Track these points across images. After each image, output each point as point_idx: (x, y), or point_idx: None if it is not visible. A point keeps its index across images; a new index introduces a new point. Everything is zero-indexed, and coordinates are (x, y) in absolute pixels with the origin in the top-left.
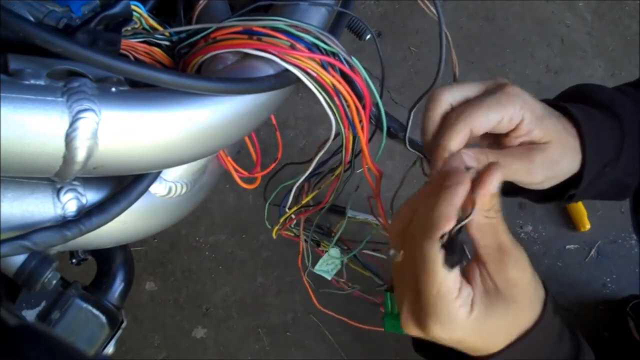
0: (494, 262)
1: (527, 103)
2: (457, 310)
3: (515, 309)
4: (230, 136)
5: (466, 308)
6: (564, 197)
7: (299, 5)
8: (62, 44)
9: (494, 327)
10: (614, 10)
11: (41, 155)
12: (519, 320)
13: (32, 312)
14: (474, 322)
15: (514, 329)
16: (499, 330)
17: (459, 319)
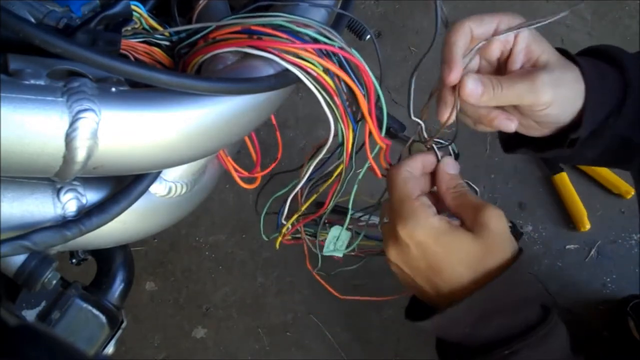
0: (470, 217)
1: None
2: (415, 207)
3: (481, 244)
4: (230, 136)
5: (426, 210)
6: (566, 142)
7: (299, 6)
8: (62, 45)
9: (456, 248)
10: (614, 10)
11: (41, 155)
12: (484, 257)
13: (32, 312)
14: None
15: (478, 265)
16: (461, 258)
17: (417, 216)
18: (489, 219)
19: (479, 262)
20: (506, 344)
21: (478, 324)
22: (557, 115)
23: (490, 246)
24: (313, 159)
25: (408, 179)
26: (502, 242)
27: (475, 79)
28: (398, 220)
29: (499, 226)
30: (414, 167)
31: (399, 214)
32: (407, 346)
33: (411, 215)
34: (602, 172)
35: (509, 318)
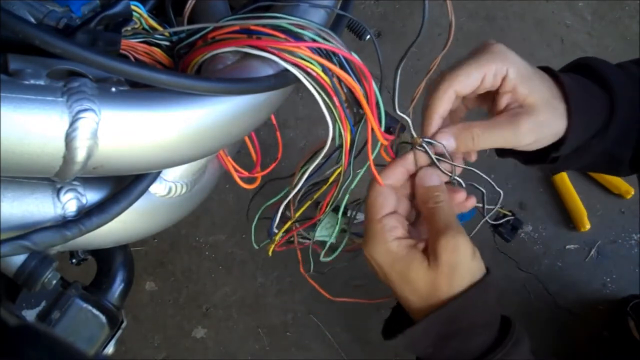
0: (430, 238)
1: (509, 59)
2: (377, 230)
3: (432, 275)
4: (230, 136)
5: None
6: (547, 159)
7: (299, 6)
8: (62, 45)
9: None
10: (614, 10)
11: (41, 155)
12: (434, 288)
13: (32, 312)
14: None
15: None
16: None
17: (377, 238)
18: (442, 250)
19: (430, 291)
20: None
21: (437, 346)
22: (538, 147)
23: (440, 279)
24: (307, 165)
25: (377, 195)
26: (453, 275)
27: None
28: (365, 237)
29: (452, 259)
30: (393, 177)
31: (365, 232)
32: None
33: (372, 237)
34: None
35: (463, 342)
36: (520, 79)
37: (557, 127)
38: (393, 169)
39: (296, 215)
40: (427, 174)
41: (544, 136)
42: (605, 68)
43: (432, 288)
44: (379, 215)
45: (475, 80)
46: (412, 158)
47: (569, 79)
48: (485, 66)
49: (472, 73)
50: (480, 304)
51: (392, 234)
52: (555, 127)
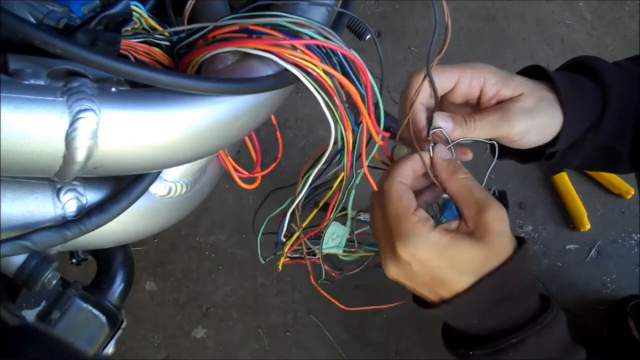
0: (472, 217)
1: (487, 68)
2: (414, 224)
3: (484, 249)
4: (230, 136)
5: (425, 225)
6: (544, 155)
7: (299, 5)
8: (61, 45)
9: (459, 258)
10: (614, 10)
11: (41, 155)
12: (487, 261)
13: (32, 312)
14: (437, 242)
15: (481, 269)
16: (466, 267)
17: (417, 233)
18: (492, 221)
19: (482, 266)
20: (513, 333)
21: (485, 314)
22: (537, 142)
23: (493, 249)
24: (310, 172)
25: (403, 192)
26: (503, 243)
27: (444, 116)
28: (397, 238)
29: (501, 228)
30: (406, 176)
31: (397, 232)
32: (407, 346)
33: (411, 232)
34: (602, 172)
35: (513, 308)
36: (502, 82)
37: (551, 117)
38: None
39: (302, 225)
40: (443, 149)
41: (537, 125)
42: (596, 62)
43: (486, 260)
44: (411, 210)
45: (449, 80)
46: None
47: (558, 74)
48: (460, 69)
49: (445, 72)
50: (526, 267)
51: (429, 224)
52: (548, 117)
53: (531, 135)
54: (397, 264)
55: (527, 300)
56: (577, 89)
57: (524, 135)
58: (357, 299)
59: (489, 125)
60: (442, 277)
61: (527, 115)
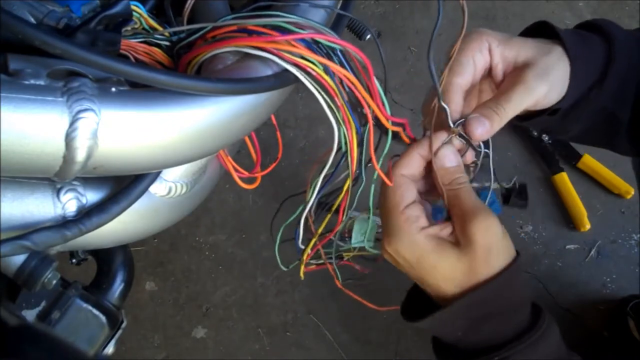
0: (458, 222)
1: (484, 32)
2: (402, 222)
3: (466, 261)
4: (230, 136)
5: (412, 225)
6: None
7: (299, 6)
8: (61, 46)
9: (441, 266)
10: (614, 10)
11: (41, 155)
12: (469, 274)
13: (32, 312)
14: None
15: (463, 282)
16: (446, 275)
17: (402, 231)
18: (476, 232)
19: (464, 278)
20: (496, 350)
21: (469, 329)
22: (556, 98)
23: (476, 262)
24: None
25: (398, 186)
26: (489, 257)
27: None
28: (384, 233)
29: (487, 240)
30: (410, 166)
31: (385, 227)
32: (407, 346)
33: (396, 231)
34: (602, 172)
35: (499, 324)
36: (503, 44)
37: (563, 70)
38: (409, 157)
39: (319, 231)
40: (446, 155)
41: (555, 81)
42: (606, 22)
43: (468, 273)
44: (401, 207)
45: (469, 67)
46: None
47: (564, 29)
48: (468, 48)
49: (462, 61)
50: (515, 285)
51: (416, 225)
52: (560, 70)
53: (552, 93)
54: (386, 253)
55: (515, 316)
56: (582, 42)
57: (546, 96)
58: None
59: (517, 102)
60: (425, 279)
61: (544, 75)
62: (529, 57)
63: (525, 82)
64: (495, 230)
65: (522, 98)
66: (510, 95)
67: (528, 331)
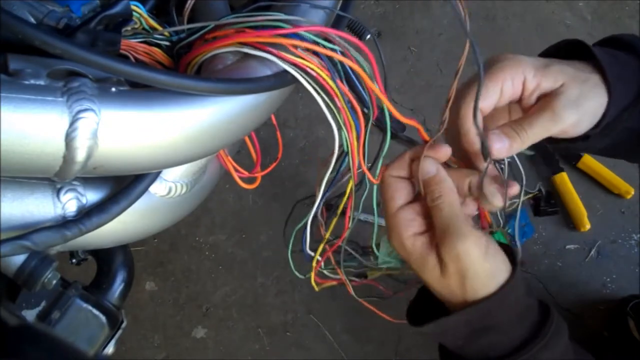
0: (440, 239)
1: (522, 61)
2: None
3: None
4: (230, 136)
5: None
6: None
7: (299, 6)
8: (61, 46)
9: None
10: (614, 10)
11: (41, 155)
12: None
13: (32, 312)
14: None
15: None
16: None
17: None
18: (446, 258)
19: (449, 295)
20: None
21: (470, 339)
22: (587, 127)
23: (453, 286)
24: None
25: (388, 185)
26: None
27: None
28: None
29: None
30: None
31: (386, 222)
32: (407, 346)
33: (392, 229)
34: (602, 172)
35: (501, 335)
36: (540, 73)
37: (598, 99)
38: (401, 159)
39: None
40: (424, 164)
41: (586, 112)
42: (633, 38)
43: (448, 292)
44: (393, 208)
45: (494, 94)
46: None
47: (599, 50)
48: (500, 76)
49: (488, 86)
50: (510, 301)
51: (408, 230)
52: (595, 100)
53: (582, 123)
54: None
55: (517, 328)
56: (616, 63)
57: (576, 125)
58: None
59: (541, 129)
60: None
61: (574, 105)
62: (564, 84)
63: (553, 110)
64: (471, 256)
65: (547, 126)
66: (534, 120)
67: (527, 344)
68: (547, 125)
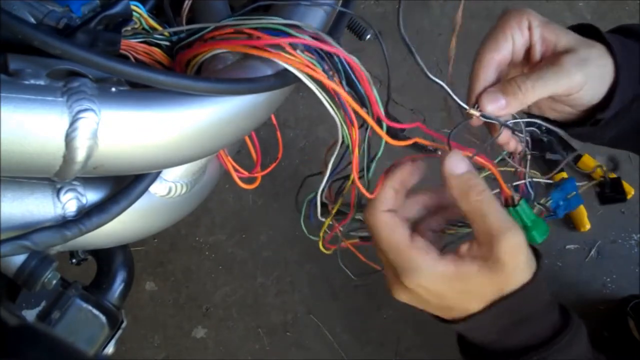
0: (484, 239)
1: (526, 10)
2: (413, 258)
3: (495, 279)
4: (230, 136)
5: (428, 255)
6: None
7: (299, 6)
8: (60, 46)
9: (469, 286)
10: (614, 10)
11: (41, 155)
12: (498, 290)
13: (32, 312)
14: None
15: (491, 296)
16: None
17: (419, 265)
18: (504, 253)
19: (493, 294)
20: (535, 350)
21: (503, 332)
22: (591, 95)
23: (504, 279)
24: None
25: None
26: (516, 275)
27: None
28: (400, 271)
29: (516, 260)
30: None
31: (398, 266)
32: (407, 346)
33: (413, 266)
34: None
35: (531, 328)
36: (544, 25)
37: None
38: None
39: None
40: (454, 161)
41: (592, 76)
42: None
43: (497, 291)
44: (405, 242)
45: (506, 43)
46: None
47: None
48: (506, 25)
49: (498, 37)
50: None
51: (431, 254)
52: (601, 68)
53: (587, 88)
54: (405, 291)
55: (545, 319)
56: (627, 50)
57: (581, 86)
58: (357, 299)
59: (550, 82)
60: (452, 304)
61: (582, 64)
62: (570, 44)
63: (562, 65)
64: (523, 249)
65: (555, 80)
66: (542, 73)
67: (561, 331)
68: (555, 78)
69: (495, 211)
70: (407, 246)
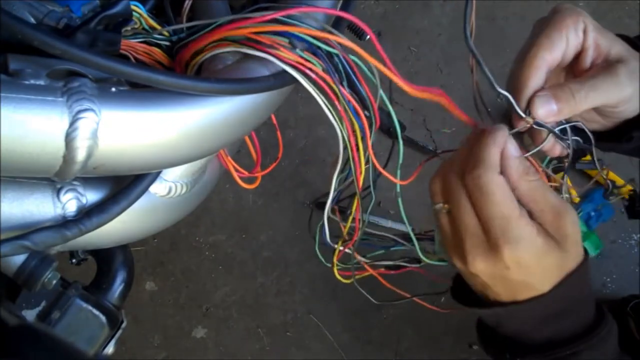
0: (551, 223)
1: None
2: (524, 227)
3: (563, 256)
4: (230, 136)
5: (533, 228)
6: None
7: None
8: (60, 46)
9: (549, 264)
10: (614, 10)
11: (41, 155)
12: (563, 268)
13: (32, 312)
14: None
15: (557, 275)
16: (551, 269)
17: (526, 235)
18: (571, 228)
19: (559, 273)
20: (569, 344)
21: (540, 324)
22: (632, 110)
23: (569, 256)
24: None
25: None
26: (578, 250)
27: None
28: (504, 240)
29: (578, 235)
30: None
31: (503, 235)
32: (407, 346)
33: (521, 237)
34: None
35: (573, 318)
36: (598, 30)
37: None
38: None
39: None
40: (510, 145)
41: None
42: None
43: (562, 268)
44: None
45: (560, 42)
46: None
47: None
48: (562, 24)
49: (553, 35)
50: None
51: (534, 229)
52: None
53: (632, 102)
54: (493, 264)
55: (587, 309)
56: None
57: (630, 98)
58: (357, 299)
59: (603, 93)
60: (532, 282)
61: (633, 77)
62: (621, 54)
63: (617, 76)
64: (579, 224)
65: (609, 91)
66: (597, 82)
67: (597, 326)
68: (609, 89)
69: (551, 190)
70: (518, 215)
